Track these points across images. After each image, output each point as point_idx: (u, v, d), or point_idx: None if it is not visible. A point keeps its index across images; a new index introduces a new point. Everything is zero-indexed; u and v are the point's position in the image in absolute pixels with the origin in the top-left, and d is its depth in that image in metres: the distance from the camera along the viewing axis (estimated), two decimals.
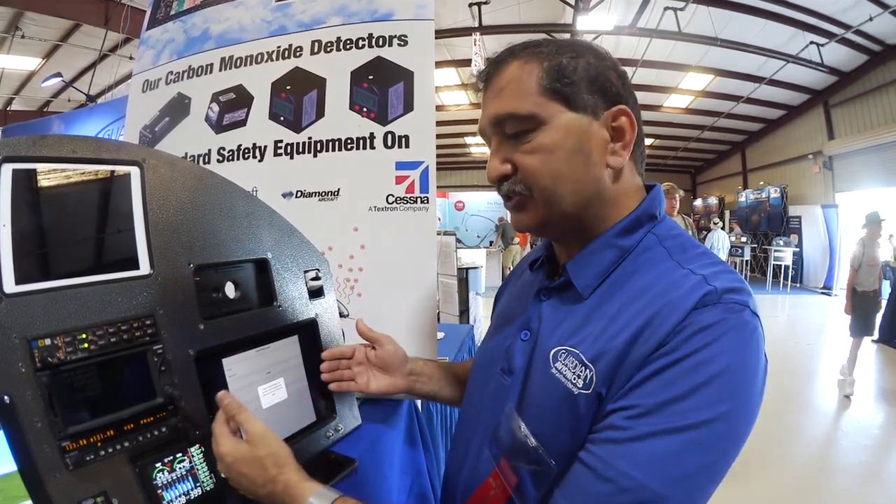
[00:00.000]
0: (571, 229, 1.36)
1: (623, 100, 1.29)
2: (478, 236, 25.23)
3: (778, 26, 14.76)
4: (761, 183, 24.56)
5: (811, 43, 15.60)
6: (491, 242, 22.87)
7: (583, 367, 1.15)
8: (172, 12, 3.26)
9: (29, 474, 1.13)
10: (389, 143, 2.50)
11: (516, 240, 21.29)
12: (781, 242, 21.17)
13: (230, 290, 1.69)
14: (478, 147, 30.69)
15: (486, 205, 27.67)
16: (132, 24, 13.35)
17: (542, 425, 1.21)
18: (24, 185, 1.27)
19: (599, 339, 1.16)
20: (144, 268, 1.45)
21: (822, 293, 19.71)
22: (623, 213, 1.32)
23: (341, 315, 2.02)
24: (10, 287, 1.19)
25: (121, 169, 1.48)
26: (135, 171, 1.50)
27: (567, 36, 15.14)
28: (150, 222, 1.49)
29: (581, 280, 1.30)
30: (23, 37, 15.54)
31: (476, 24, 14.46)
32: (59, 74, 14.18)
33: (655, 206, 1.35)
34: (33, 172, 1.29)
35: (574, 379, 1.15)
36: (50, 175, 1.33)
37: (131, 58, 15.58)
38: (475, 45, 13.24)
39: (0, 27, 15.21)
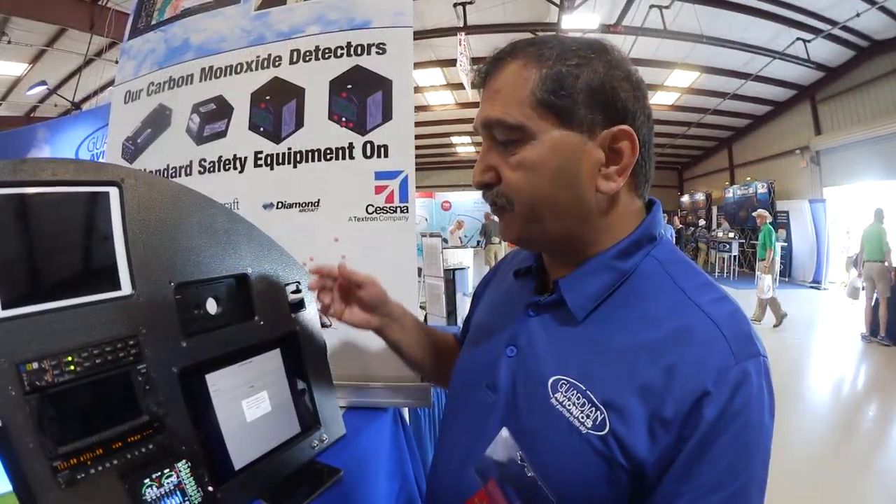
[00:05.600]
0: (558, 249, 1.34)
1: (629, 117, 1.21)
2: (465, 236, 25.05)
3: (764, 23, 14.79)
4: (748, 178, 24.59)
5: (798, 39, 15.62)
6: (478, 242, 22.74)
7: (592, 408, 1.12)
8: (153, 22, 3.27)
9: (23, 494, 1.15)
10: (368, 153, 2.52)
11: (496, 239, 21.23)
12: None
13: (211, 306, 1.71)
14: (464, 147, 30.67)
15: (472, 205, 27.36)
16: (117, 28, 13.33)
17: (543, 458, 1.16)
18: (6, 209, 1.29)
19: (611, 381, 1.13)
20: (126, 288, 1.47)
21: (812, 287, 19.76)
22: (618, 236, 1.28)
23: (323, 326, 2.03)
24: None
25: (100, 190, 1.49)
26: (114, 192, 1.51)
27: (552, 35, 15.10)
28: (130, 242, 1.50)
29: (575, 301, 1.25)
30: (9, 42, 15.49)
31: (461, 24, 14.47)
32: (43, 82, 14.14)
33: (655, 226, 1.31)
34: (14, 197, 1.31)
35: (581, 417, 1.13)
36: (31, 199, 1.34)
37: (117, 62, 15.49)
38: (460, 44, 13.23)
39: None
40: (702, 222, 26.80)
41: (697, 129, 25.15)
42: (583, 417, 1.12)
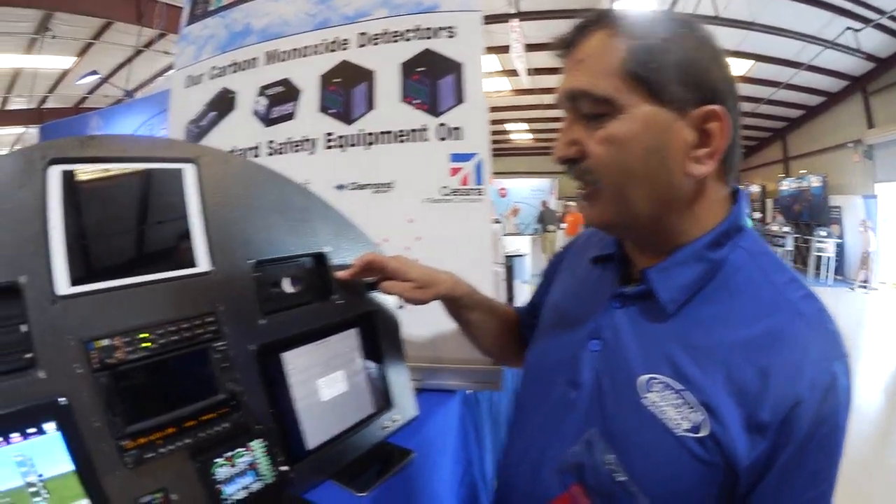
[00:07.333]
0: (645, 235, 1.26)
1: (720, 97, 1.12)
2: (521, 223, 24.92)
3: (814, 10, 14.49)
4: (802, 171, 24.14)
5: (847, 28, 15.33)
6: (535, 230, 22.63)
7: (690, 409, 1.07)
8: (211, 8, 3.29)
9: (86, 474, 1.12)
10: (442, 135, 2.49)
11: (552, 227, 21.12)
12: (824, 233, 20.65)
13: (287, 284, 1.69)
14: (518, 133, 30.59)
15: (529, 192, 27.23)
16: (168, 20, 13.47)
17: (634, 462, 1.12)
18: (76, 186, 1.28)
19: (708, 382, 1.08)
20: (204, 265, 1.46)
21: (860, 286, 18.88)
22: (707, 226, 1.20)
23: (400, 307, 2.00)
24: (64, 289, 1.19)
25: (175, 167, 1.49)
26: (189, 169, 1.51)
27: None
28: (209, 219, 1.49)
29: (666, 293, 1.18)
30: (53, 37, 15.60)
31: (514, 11, 14.42)
32: (94, 72, 14.21)
33: (743, 215, 1.24)
34: (84, 173, 1.30)
35: (678, 419, 1.08)
36: (103, 175, 1.34)
37: (167, 52, 15.74)
38: (513, 31, 13.20)
39: (29, 28, 15.22)
40: (757, 215, 26.40)
41: (751, 119, 24.78)
42: (679, 419, 1.08)
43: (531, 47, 14.64)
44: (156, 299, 1.34)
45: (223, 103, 3.04)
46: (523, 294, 8.33)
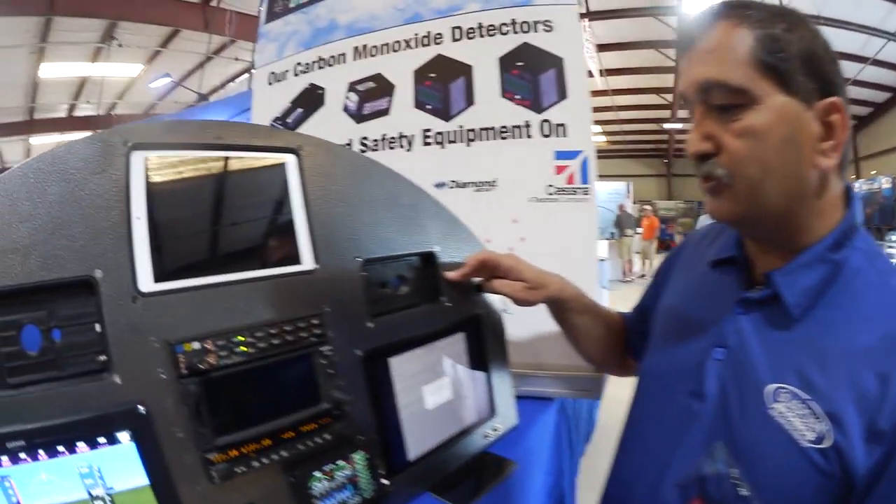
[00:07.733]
0: (772, 231, 1.19)
1: (836, 89, 1.08)
2: (599, 227, 24.50)
3: (874, 1, 14.27)
4: (873, 172, 23.43)
5: None
6: (612, 234, 22.37)
7: (815, 419, 1.02)
8: (292, 5, 3.22)
9: (162, 489, 1.01)
10: (546, 132, 2.37)
11: (629, 231, 20.84)
12: (894, 238, 19.60)
13: (396, 285, 1.59)
14: (593, 136, 30.46)
15: (606, 195, 26.78)
16: (238, 27, 13.60)
17: (757, 475, 1.07)
18: (164, 174, 1.18)
19: (834, 390, 1.02)
20: (308, 262, 1.35)
21: None
22: (829, 223, 1.15)
23: (504, 311, 1.90)
24: (148, 285, 1.08)
25: (275, 156, 1.39)
26: (291, 159, 1.40)
27: (674, 19, 14.98)
28: (312, 213, 1.38)
29: (793, 297, 1.12)
30: (119, 46, 15.87)
31: (584, 11, 14.39)
32: (167, 75, 14.30)
33: (858, 214, 1.18)
34: (173, 160, 1.21)
35: (803, 430, 1.03)
36: (194, 164, 1.25)
37: (237, 59, 15.91)
38: (584, 31, 13.23)
39: (94, 38, 15.49)
40: None
41: None
42: (804, 430, 1.03)
43: (601, 48, 14.55)
44: (254, 299, 1.23)
45: (311, 100, 2.97)
46: (602, 300, 8.25)
